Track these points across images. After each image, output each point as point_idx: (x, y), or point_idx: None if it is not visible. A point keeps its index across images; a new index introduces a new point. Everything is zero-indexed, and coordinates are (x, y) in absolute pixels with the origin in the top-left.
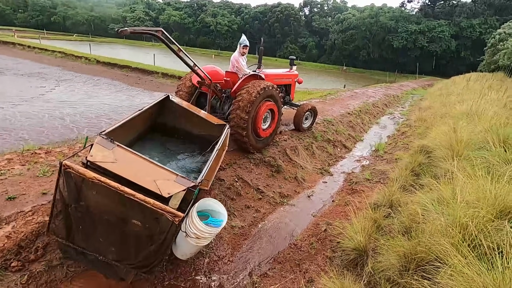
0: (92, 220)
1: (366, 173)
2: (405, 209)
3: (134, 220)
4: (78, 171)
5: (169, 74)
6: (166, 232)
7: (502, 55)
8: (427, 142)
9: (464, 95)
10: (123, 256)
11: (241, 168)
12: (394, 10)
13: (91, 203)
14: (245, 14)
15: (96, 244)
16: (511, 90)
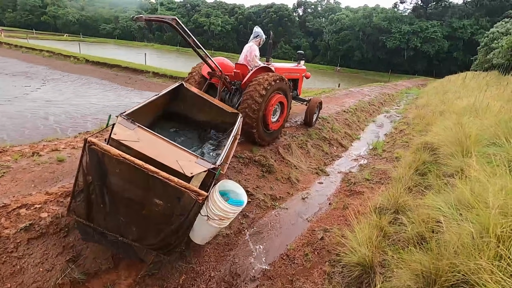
0: (114, 199)
1: (365, 173)
2: (415, 214)
3: (156, 199)
4: (103, 147)
5: (160, 73)
6: (189, 211)
7: (497, 53)
8: (430, 138)
9: (461, 92)
10: (143, 237)
11: (229, 168)
12: (387, 11)
13: (114, 181)
14: (239, 14)
15: (117, 225)
16: (511, 86)
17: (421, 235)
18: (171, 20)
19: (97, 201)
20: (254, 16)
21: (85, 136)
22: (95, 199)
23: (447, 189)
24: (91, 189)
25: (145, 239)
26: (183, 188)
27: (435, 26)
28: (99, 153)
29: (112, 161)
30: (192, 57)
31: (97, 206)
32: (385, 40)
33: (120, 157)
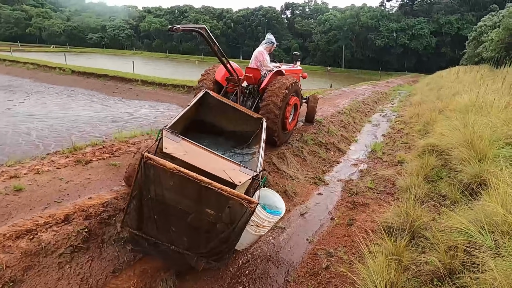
0: (167, 210)
1: (368, 181)
2: (437, 238)
3: (208, 209)
4: (158, 162)
5: (149, 81)
6: (239, 219)
7: (488, 46)
8: (435, 140)
9: (457, 87)
10: (195, 245)
11: None
12: (374, 10)
13: (167, 193)
14: (227, 18)
15: (169, 234)
16: (508, 79)
17: (450, 268)
18: (201, 29)
19: (151, 213)
20: (243, 20)
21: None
22: (149, 211)
23: (471, 204)
24: (145, 201)
25: (196, 248)
26: (236, 197)
27: (422, 22)
28: (155, 167)
29: (166, 175)
30: (182, 63)
31: (150, 218)
32: (373, 38)
33: (176, 170)
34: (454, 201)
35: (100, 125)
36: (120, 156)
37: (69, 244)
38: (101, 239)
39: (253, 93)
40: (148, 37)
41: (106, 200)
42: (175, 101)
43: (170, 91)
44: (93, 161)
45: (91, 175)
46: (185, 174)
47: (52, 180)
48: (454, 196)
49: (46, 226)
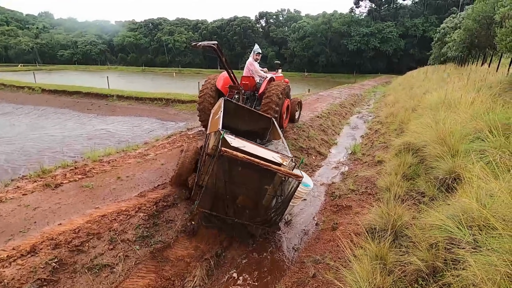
0: (235, 191)
1: (349, 183)
2: (418, 237)
3: (266, 186)
4: (232, 153)
5: (125, 96)
6: (290, 191)
7: (451, 46)
8: (410, 138)
9: (427, 86)
10: (254, 216)
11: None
12: (345, 16)
13: (237, 177)
14: (203, 29)
15: (235, 210)
16: (473, 76)
17: (433, 267)
18: (214, 44)
19: (222, 195)
20: (219, 30)
21: (219, 148)
22: (221, 193)
23: (448, 200)
24: (219, 185)
25: (256, 218)
26: (288, 174)
27: (390, 26)
28: (229, 157)
29: (236, 162)
30: (159, 76)
31: (220, 199)
32: (346, 43)
33: (244, 158)
34: (432, 197)
35: (74, 144)
36: (93, 177)
37: (36, 278)
38: (72, 269)
39: (250, 97)
40: (122, 51)
41: (78, 225)
42: (154, 114)
43: (147, 105)
44: (63, 184)
45: (61, 199)
46: (252, 161)
47: (17, 208)
48: (432, 192)
49: (9, 261)
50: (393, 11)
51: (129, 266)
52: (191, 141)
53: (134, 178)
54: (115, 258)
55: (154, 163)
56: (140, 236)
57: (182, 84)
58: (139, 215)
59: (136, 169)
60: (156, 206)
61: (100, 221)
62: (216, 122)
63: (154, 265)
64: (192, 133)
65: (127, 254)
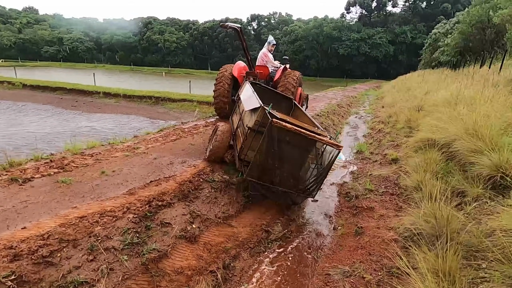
0: (283, 160)
1: (364, 182)
2: (485, 245)
3: (310, 155)
4: (281, 124)
5: (112, 93)
6: (331, 159)
7: (444, 51)
8: (429, 134)
9: (426, 87)
10: (297, 184)
11: (198, 199)
12: (336, 21)
13: (285, 146)
14: (194, 30)
15: (280, 179)
16: (476, 77)
17: None
18: (238, 27)
19: (269, 165)
20: (210, 31)
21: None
22: (268, 163)
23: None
24: (269, 155)
25: (298, 186)
26: (330, 143)
27: (380, 32)
28: (278, 128)
29: (285, 133)
30: (147, 75)
31: (267, 169)
32: (337, 47)
33: (292, 129)
34: (476, 197)
35: (56, 141)
36: (72, 171)
37: None
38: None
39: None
40: (111, 49)
41: (49, 229)
42: (142, 112)
43: (136, 103)
44: (34, 179)
45: (29, 197)
46: (298, 131)
47: None
48: (476, 192)
49: None
50: (382, 18)
51: (114, 283)
52: (187, 135)
53: (122, 173)
54: (96, 272)
55: (145, 157)
56: (129, 243)
57: (172, 83)
58: (128, 216)
59: (124, 163)
60: (149, 206)
61: (78, 224)
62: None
63: (146, 281)
64: (188, 127)
65: (111, 267)
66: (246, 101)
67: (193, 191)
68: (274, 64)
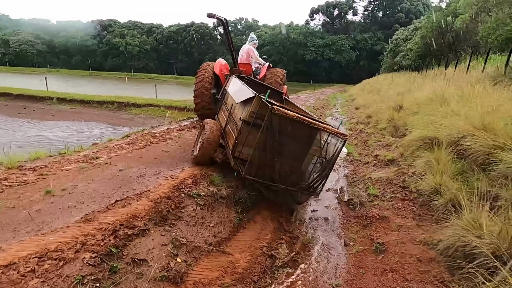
0: (283, 153)
1: (366, 186)
2: None
3: (314, 147)
4: (283, 111)
5: (68, 99)
6: (336, 150)
7: (405, 55)
8: (426, 132)
9: (397, 89)
10: (300, 181)
11: (181, 220)
12: (301, 27)
13: (285, 138)
14: (158, 34)
15: (281, 175)
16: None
17: None
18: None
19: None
20: (175, 36)
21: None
22: (267, 158)
23: None
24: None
25: (301, 183)
26: (335, 132)
27: (342, 39)
28: (280, 115)
29: (286, 121)
30: (109, 80)
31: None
32: (303, 53)
33: (295, 117)
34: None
35: None
36: (3, 192)
37: None
38: None
39: None
40: (66, 53)
41: None
42: (104, 119)
43: (96, 109)
44: None
45: None
46: (302, 119)
47: None
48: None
49: None
50: (344, 25)
51: None
52: (158, 140)
53: (75, 192)
54: None
55: (107, 169)
56: None
57: (136, 88)
58: (83, 257)
59: (80, 178)
60: (115, 238)
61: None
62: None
63: None
64: (159, 131)
65: None
66: (236, 94)
67: (174, 210)
68: (259, 61)
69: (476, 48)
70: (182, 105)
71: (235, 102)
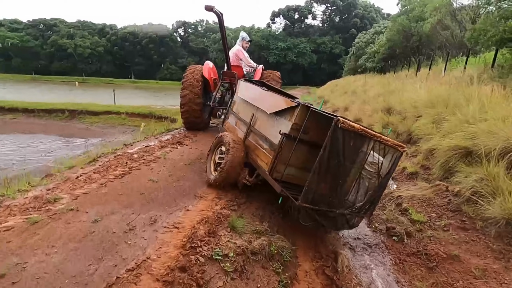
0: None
1: (403, 209)
2: None
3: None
4: (350, 124)
5: (6, 108)
6: (392, 164)
7: (369, 57)
8: (461, 142)
9: (375, 90)
10: (356, 202)
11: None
12: (263, 30)
13: (347, 154)
14: (112, 35)
15: (339, 199)
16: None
17: None
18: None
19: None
20: (131, 37)
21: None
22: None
23: None
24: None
25: (356, 204)
26: (396, 145)
27: (304, 42)
28: (346, 129)
29: (350, 135)
30: (57, 86)
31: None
32: (266, 56)
33: (360, 129)
34: None
35: None
36: None
37: None
38: None
39: None
40: (2, 55)
41: None
42: (53, 130)
43: (43, 119)
44: None
45: None
46: (367, 132)
47: None
48: None
49: None
50: (304, 29)
51: None
52: (139, 164)
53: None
54: None
55: (75, 220)
56: None
57: (89, 94)
58: None
59: (30, 244)
60: None
61: None
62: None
63: None
64: (136, 151)
65: None
66: (261, 102)
67: None
68: (250, 64)
69: (442, 50)
70: (146, 111)
71: (258, 111)
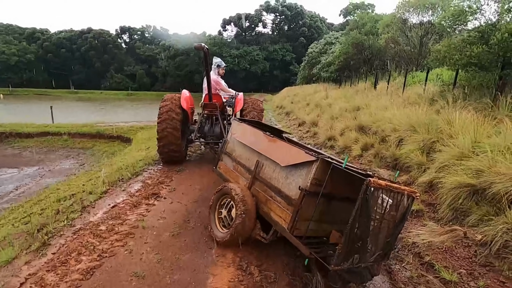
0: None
1: (425, 262)
2: None
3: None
4: (379, 183)
5: None
6: (407, 209)
7: (322, 68)
8: (468, 179)
9: (340, 105)
10: (375, 252)
11: None
12: (215, 37)
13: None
14: (44, 40)
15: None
16: (381, 92)
17: None
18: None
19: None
20: (68, 43)
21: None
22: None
23: None
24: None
25: (377, 253)
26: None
27: (256, 50)
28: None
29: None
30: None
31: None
32: None
33: (387, 186)
34: None
35: None
36: None
37: None
38: None
39: (218, 119)
40: None
41: None
42: None
43: None
44: None
45: None
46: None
47: None
48: None
49: None
50: (255, 37)
51: None
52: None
53: None
54: None
55: None
56: None
57: (19, 110)
58: None
59: None
60: None
61: None
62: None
63: None
64: (100, 216)
65: None
66: (269, 151)
67: None
68: (229, 92)
69: (392, 62)
70: (93, 130)
71: (265, 159)
